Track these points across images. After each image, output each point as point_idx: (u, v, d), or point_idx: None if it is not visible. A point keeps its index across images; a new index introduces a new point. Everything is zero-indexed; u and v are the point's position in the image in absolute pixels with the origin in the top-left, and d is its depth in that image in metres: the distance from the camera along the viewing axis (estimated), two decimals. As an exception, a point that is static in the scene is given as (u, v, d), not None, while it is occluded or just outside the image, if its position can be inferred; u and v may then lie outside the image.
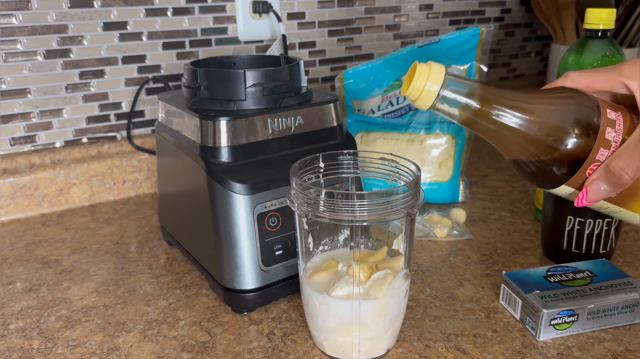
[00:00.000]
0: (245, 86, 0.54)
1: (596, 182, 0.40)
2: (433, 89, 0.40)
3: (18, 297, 0.58)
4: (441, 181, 0.79)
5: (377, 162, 0.51)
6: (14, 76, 0.77)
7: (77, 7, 0.77)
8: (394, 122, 0.78)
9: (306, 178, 0.49)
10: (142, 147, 0.85)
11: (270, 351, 0.49)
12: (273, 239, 0.53)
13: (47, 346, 0.50)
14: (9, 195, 0.77)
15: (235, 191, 0.51)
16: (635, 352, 0.48)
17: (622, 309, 0.51)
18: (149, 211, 0.80)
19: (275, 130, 0.56)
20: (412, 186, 0.44)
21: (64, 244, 0.70)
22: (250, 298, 0.53)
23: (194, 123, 0.55)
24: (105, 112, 0.84)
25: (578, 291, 0.51)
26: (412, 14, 1.06)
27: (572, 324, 0.50)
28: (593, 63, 0.69)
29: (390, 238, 0.49)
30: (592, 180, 0.40)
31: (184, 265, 0.65)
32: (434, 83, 0.40)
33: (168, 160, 0.63)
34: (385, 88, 0.79)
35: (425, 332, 0.51)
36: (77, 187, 0.81)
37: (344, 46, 1.01)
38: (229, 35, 0.90)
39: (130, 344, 0.51)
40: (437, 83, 0.40)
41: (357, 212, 0.42)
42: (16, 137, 0.79)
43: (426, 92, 0.41)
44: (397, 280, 0.45)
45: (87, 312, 0.56)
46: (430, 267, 0.63)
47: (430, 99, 0.41)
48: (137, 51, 0.83)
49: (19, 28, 0.75)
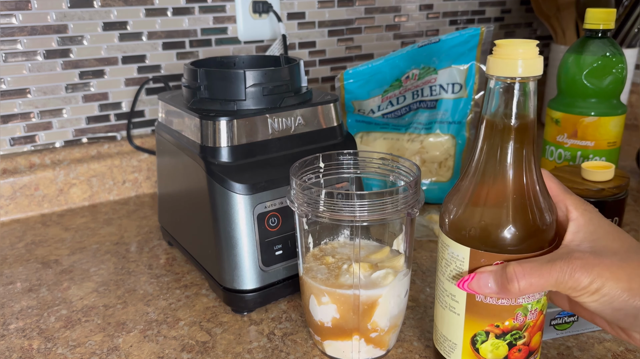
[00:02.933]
0: (245, 86, 0.54)
1: (486, 274, 0.38)
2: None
3: (18, 297, 0.58)
4: (441, 181, 0.79)
5: (377, 162, 0.51)
6: (14, 76, 0.77)
7: (77, 7, 0.77)
8: (394, 122, 0.78)
9: (306, 178, 0.49)
10: (142, 147, 0.85)
11: (270, 351, 0.49)
12: (273, 239, 0.53)
13: (47, 346, 0.50)
14: (9, 195, 0.77)
15: (235, 191, 0.51)
16: (635, 352, 0.48)
17: None
18: (149, 211, 0.80)
19: (275, 130, 0.56)
20: (412, 186, 0.44)
21: (64, 244, 0.70)
22: (250, 298, 0.53)
23: (194, 123, 0.55)
24: (105, 112, 0.84)
25: None
26: (412, 14, 1.06)
27: (573, 324, 0.50)
28: (593, 63, 0.69)
29: (391, 238, 0.49)
30: (485, 271, 0.38)
31: (184, 265, 0.64)
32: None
33: (168, 160, 0.63)
34: (385, 88, 0.79)
35: (425, 332, 0.51)
36: (77, 187, 0.81)
37: (344, 46, 1.01)
38: (229, 35, 0.89)
39: (130, 344, 0.51)
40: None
41: (357, 212, 0.42)
42: (16, 137, 0.79)
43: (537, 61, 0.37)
44: (398, 280, 0.45)
45: (87, 312, 0.56)
46: (430, 267, 0.63)
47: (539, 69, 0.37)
48: (137, 51, 0.83)
49: (19, 28, 0.75)
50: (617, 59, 0.69)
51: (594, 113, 0.70)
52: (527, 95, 0.37)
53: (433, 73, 0.77)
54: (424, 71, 0.77)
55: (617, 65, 0.69)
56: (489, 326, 0.40)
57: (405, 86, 0.78)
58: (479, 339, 0.41)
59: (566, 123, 0.72)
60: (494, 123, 0.38)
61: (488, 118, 0.38)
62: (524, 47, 0.36)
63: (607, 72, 0.69)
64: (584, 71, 0.69)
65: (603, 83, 0.69)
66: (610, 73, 0.69)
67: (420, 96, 0.79)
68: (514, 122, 0.37)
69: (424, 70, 0.77)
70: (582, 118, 0.71)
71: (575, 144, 0.72)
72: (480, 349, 0.41)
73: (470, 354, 0.41)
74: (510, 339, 0.40)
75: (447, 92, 0.77)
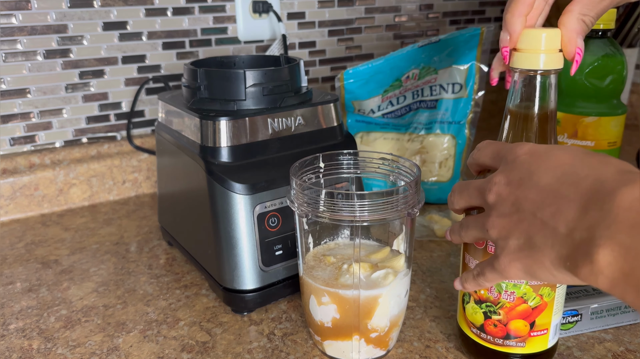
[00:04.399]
0: (245, 86, 0.54)
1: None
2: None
3: (18, 297, 0.58)
4: (441, 181, 0.79)
5: (377, 161, 0.50)
6: (14, 76, 0.77)
7: (77, 7, 0.77)
8: (394, 122, 0.78)
9: (306, 178, 0.49)
10: (142, 147, 0.85)
11: (270, 352, 0.49)
12: (273, 239, 0.53)
13: (47, 346, 0.50)
14: (9, 195, 0.77)
15: (235, 191, 0.51)
16: (635, 352, 0.48)
17: (625, 309, 0.51)
18: (149, 211, 0.80)
19: (276, 130, 0.56)
20: (413, 186, 0.43)
21: (63, 244, 0.70)
22: (250, 298, 0.53)
23: (194, 123, 0.55)
24: (105, 112, 0.84)
25: (581, 291, 0.51)
26: (412, 14, 1.06)
27: (576, 324, 0.50)
28: (593, 63, 0.69)
29: (391, 238, 0.49)
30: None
31: (183, 265, 0.64)
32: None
33: (168, 160, 0.63)
34: (385, 88, 0.79)
35: (425, 332, 0.51)
36: (77, 187, 0.81)
37: (344, 46, 1.01)
38: (229, 35, 0.89)
39: (130, 344, 0.50)
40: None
41: (358, 212, 0.42)
42: (16, 137, 0.79)
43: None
44: (398, 280, 0.45)
45: (87, 312, 0.56)
46: (430, 267, 0.63)
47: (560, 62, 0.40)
48: (137, 51, 0.83)
49: (19, 28, 0.75)
50: (617, 59, 0.69)
51: (594, 113, 0.70)
52: (549, 86, 0.40)
53: (433, 73, 0.77)
54: (424, 71, 0.77)
55: (617, 65, 0.69)
56: None
57: (405, 86, 0.78)
58: (465, 298, 0.46)
59: (566, 124, 0.72)
60: (518, 113, 0.41)
61: (513, 109, 0.41)
62: (547, 40, 0.39)
63: (607, 72, 0.69)
64: (584, 71, 0.69)
65: (603, 83, 0.69)
66: (610, 73, 0.69)
67: (421, 96, 0.79)
68: (537, 112, 0.40)
69: (424, 70, 0.77)
70: (582, 118, 0.71)
71: (576, 144, 0.72)
72: (466, 309, 0.46)
73: (461, 311, 0.47)
74: (485, 309, 0.44)
75: (447, 92, 0.77)
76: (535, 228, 0.32)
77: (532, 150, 0.35)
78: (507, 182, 0.34)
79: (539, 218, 0.32)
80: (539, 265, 0.32)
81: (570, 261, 0.30)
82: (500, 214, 0.34)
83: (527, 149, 0.35)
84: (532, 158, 0.34)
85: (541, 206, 0.32)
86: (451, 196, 0.41)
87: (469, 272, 0.40)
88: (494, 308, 0.43)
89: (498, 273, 0.36)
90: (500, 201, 0.34)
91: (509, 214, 0.34)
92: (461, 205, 0.40)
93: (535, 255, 0.32)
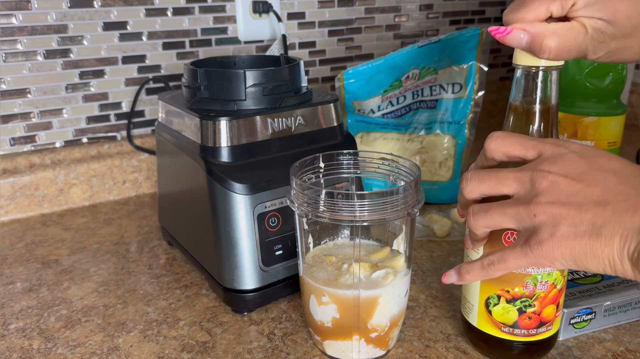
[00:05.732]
0: (245, 86, 0.54)
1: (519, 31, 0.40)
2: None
3: (18, 297, 0.58)
4: (441, 181, 0.79)
5: (377, 161, 0.51)
6: (14, 76, 0.77)
7: (77, 7, 0.77)
8: (394, 122, 0.78)
9: (306, 178, 0.49)
10: (142, 147, 0.85)
11: (270, 351, 0.49)
12: (273, 239, 0.53)
13: (47, 346, 0.50)
14: (9, 195, 0.77)
15: (235, 191, 0.51)
16: (635, 352, 0.48)
17: (635, 305, 0.51)
18: (149, 211, 0.80)
19: (276, 130, 0.56)
20: (412, 186, 0.44)
21: (64, 244, 0.70)
22: (250, 298, 0.53)
23: (194, 123, 0.55)
24: (105, 112, 0.84)
25: (593, 289, 0.52)
26: (412, 14, 1.06)
27: (590, 322, 0.50)
28: (593, 63, 0.69)
29: (391, 238, 0.49)
30: (520, 27, 0.40)
31: (184, 265, 0.64)
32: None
33: (168, 160, 0.63)
34: (385, 88, 0.79)
35: (425, 332, 0.51)
36: (77, 187, 0.81)
37: (344, 46, 1.01)
38: (229, 35, 0.89)
39: (130, 344, 0.51)
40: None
41: (358, 212, 0.42)
42: (16, 137, 0.79)
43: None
44: (398, 280, 0.45)
45: (87, 312, 0.56)
46: (430, 267, 0.63)
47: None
48: (137, 51, 0.83)
49: (19, 28, 0.75)
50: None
51: (594, 113, 0.70)
52: (550, 82, 0.41)
53: (433, 73, 0.77)
54: (424, 71, 0.77)
55: (617, 65, 0.69)
56: (500, 290, 0.44)
57: (405, 86, 0.78)
58: (491, 301, 0.45)
59: (566, 123, 0.72)
60: (520, 108, 0.42)
61: (516, 104, 0.42)
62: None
63: (607, 72, 0.69)
64: (584, 71, 0.69)
65: (603, 83, 0.69)
66: (610, 73, 0.69)
67: (420, 96, 0.79)
68: (539, 107, 0.41)
69: (424, 70, 0.77)
70: (582, 118, 0.71)
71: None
72: (493, 312, 0.45)
73: (485, 316, 0.45)
74: (520, 305, 0.44)
75: (447, 92, 0.77)
76: (603, 219, 0.33)
77: (582, 149, 0.37)
78: (565, 174, 0.35)
79: (609, 210, 0.33)
80: (594, 253, 0.34)
81: (638, 254, 0.32)
82: (554, 201, 0.35)
83: (576, 147, 0.37)
84: (587, 156, 0.36)
85: (614, 201, 0.33)
86: (468, 184, 0.39)
87: (474, 262, 0.40)
88: (529, 301, 0.43)
89: (532, 258, 0.36)
90: (555, 190, 0.35)
91: (566, 203, 0.35)
92: (482, 191, 0.39)
93: (596, 244, 0.33)
